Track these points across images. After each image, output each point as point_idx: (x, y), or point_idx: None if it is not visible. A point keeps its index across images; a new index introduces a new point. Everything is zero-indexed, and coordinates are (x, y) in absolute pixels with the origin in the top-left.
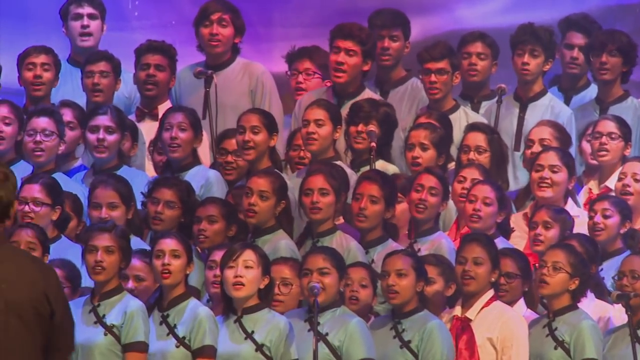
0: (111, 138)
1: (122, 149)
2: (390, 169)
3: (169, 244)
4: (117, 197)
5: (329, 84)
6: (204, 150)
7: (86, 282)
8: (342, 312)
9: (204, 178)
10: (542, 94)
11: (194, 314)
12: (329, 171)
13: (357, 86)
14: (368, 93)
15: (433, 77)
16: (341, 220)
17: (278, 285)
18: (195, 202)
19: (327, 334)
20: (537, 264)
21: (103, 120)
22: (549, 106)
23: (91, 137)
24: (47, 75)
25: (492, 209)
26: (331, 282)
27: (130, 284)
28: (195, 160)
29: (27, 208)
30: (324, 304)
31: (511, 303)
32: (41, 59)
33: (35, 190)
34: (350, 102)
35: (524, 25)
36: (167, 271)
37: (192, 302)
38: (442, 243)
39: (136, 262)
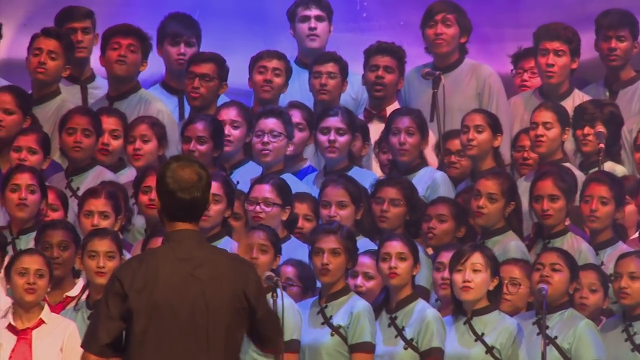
0: (342, 139)
1: (352, 150)
2: (619, 169)
3: (395, 246)
4: (347, 197)
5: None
6: (432, 151)
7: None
8: (571, 315)
9: (430, 179)
10: None
11: (422, 316)
12: (558, 174)
13: (567, 87)
14: (577, 94)
15: None
16: (568, 221)
17: (506, 284)
18: (419, 201)
19: (556, 337)
20: None
21: (334, 121)
22: None
23: (322, 138)
24: (277, 80)
25: None
26: (561, 279)
27: (359, 281)
28: (423, 162)
29: (258, 208)
30: (551, 299)
31: None
32: (273, 63)
33: (265, 191)
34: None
35: None
36: (393, 273)
37: (420, 303)
38: None
39: (366, 260)
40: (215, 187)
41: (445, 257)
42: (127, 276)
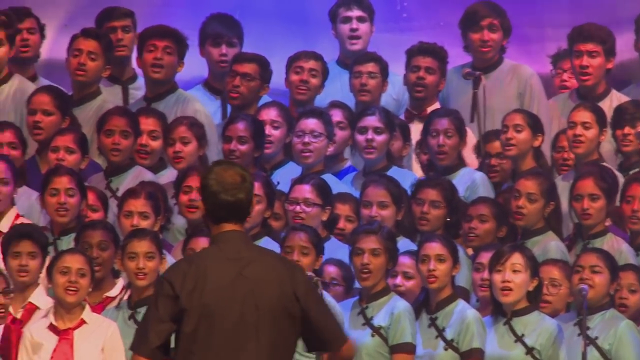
0: (379, 138)
1: (391, 150)
2: None
3: (433, 248)
4: (388, 197)
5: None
6: (472, 152)
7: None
8: (612, 315)
9: (470, 179)
10: None
11: (462, 317)
12: (599, 174)
13: (604, 87)
14: (615, 94)
15: None
16: (609, 222)
17: (546, 285)
18: (459, 202)
19: (596, 337)
20: None
21: (371, 120)
22: None
23: (360, 137)
24: (313, 81)
25: None
26: (601, 281)
27: (398, 281)
28: (461, 163)
29: (298, 208)
30: (592, 301)
31: None
32: (310, 64)
33: (306, 191)
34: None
35: None
36: (432, 277)
37: (460, 304)
38: None
39: (405, 260)
40: (255, 188)
41: (485, 257)
42: (178, 278)
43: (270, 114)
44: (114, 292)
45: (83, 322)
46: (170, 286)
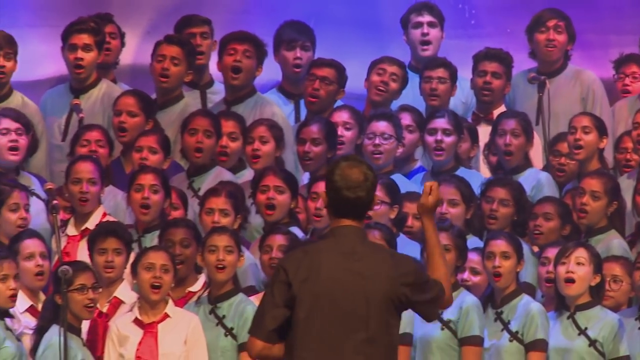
0: (448, 140)
1: (459, 151)
2: None
3: (499, 245)
4: (458, 195)
5: None
6: (537, 153)
7: None
8: None
9: (535, 179)
10: None
11: (526, 310)
12: None
13: None
14: None
15: None
16: None
17: (608, 282)
18: (527, 201)
19: None
20: None
21: (440, 123)
22: None
23: (429, 139)
24: (392, 85)
25: None
26: None
27: (466, 276)
28: (527, 163)
29: None
30: None
31: None
32: (393, 69)
33: None
34: None
35: None
36: (497, 274)
37: (524, 298)
38: None
39: (473, 256)
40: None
41: (551, 252)
42: (292, 266)
43: (343, 116)
44: (196, 287)
45: (167, 316)
46: (285, 273)
